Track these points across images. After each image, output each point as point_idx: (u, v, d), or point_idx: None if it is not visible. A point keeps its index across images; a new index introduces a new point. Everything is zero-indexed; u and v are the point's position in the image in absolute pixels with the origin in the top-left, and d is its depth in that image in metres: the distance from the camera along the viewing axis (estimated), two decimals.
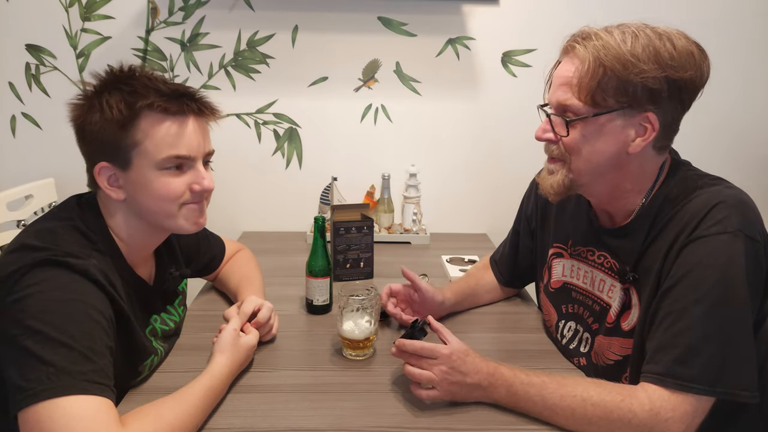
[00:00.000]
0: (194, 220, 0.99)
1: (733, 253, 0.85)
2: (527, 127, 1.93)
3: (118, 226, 0.97)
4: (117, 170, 0.92)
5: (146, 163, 0.91)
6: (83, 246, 0.89)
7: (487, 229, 2.05)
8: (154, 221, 0.97)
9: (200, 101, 0.97)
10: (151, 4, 1.83)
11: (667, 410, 0.82)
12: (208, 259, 1.33)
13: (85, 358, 0.78)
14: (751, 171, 2.03)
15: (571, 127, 0.94)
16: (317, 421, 0.92)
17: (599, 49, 0.89)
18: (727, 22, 1.90)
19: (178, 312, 1.17)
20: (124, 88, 0.90)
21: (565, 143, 0.96)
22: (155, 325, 1.07)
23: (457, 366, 0.92)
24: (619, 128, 0.92)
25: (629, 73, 0.88)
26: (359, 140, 1.97)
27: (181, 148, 0.93)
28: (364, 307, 1.11)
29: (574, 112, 0.93)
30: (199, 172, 0.96)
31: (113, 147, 0.91)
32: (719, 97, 1.95)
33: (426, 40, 1.89)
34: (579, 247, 1.12)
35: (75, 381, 0.75)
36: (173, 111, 0.92)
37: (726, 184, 0.94)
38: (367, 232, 1.52)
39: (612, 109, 0.91)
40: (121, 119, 0.89)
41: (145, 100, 0.89)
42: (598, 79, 0.89)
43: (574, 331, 1.13)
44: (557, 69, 0.98)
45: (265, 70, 1.90)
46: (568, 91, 0.93)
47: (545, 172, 1.03)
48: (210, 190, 0.98)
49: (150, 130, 0.90)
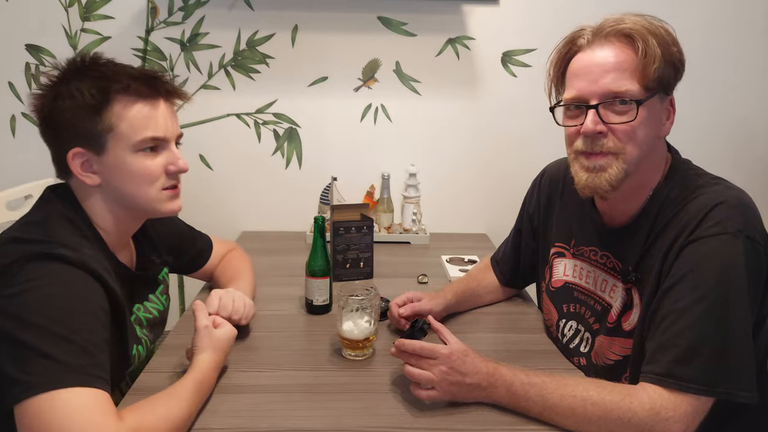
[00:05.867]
0: (171, 202, 1.00)
1: (733, 254, 0.85)
2: (527, 126, 1.95)
3: (95, 213, 0.97)
4: (91, 155, 0.93)
5: (122, 146, 0.92)
6: (73, 234, 0.90)
7: (487, 229, 2.05)
8: (131, 205, 0.97)
9: (170, 84, 0.98)
10: (151, 4, 1.83)
11: (668, 410, 0.82)
12: (195, 254, 1.33)
13: (85, 351, 0.78)
14: (752, 171, 2.03)
15: (631, 113, 0.91)
16: (317, 421, 0.92)
17: (652, 31, 0.90)
18: (728, 21, 1.90)
19: (161, 301, 1.16)
20: (93, 74, 0.91)
21: (625, 130, 0.92)
22: (138, 313, 1.07)
23: (457, 366, 0.92)
24: (658, 112, 0.94)
25: (669, 53, 0.90)
26: (359, 140, 1.97)
27: (156, 130, 0.94)
28: (364, 307, 1.11)
29: (631, 97, 0.91)
30: (174, 153, 0.98)
31: (86, 132, 0.91)
32: (719, 97, 1.95)
33: (426, 40, 1.89)
34: (582, 247, 1.12)
35: (75, 374, 0.76)
36: (146, 94, 0.93)
37: (726, 184, 0.94)
38: (366, 232, 1.52)
39: (656, 91, 0.92)
40: (94, 104, 0.90)
41: (118, 84, 0.91)
42: (659, 61, 0.89)
43: (575, 330, 1.13)
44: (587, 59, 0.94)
45: (265, 69, 1.90)
46: (622, 75, 0.91)
47: (586, 172, 0.96)
48: (185, 170, 0.99)
49: (124, 114, 0.91)
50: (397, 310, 1.19)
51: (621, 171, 0.93)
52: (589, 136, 0.93)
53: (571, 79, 0.96)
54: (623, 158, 0.93)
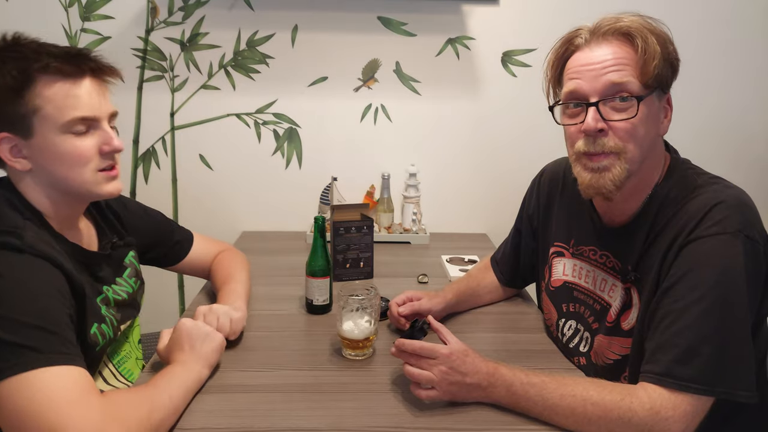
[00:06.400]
0: (108, 184, 0.97)
1: (733, 254, 0.85)
2: (527, 127, 1.95)
3: (32, 198, 0.94)
4: (19, 140, 0.90)
5: (49, 128, 0.90)
6: (14, 218, 0.88)
7: (487, 229, 2.05)
8: (66, 188, 0.95)
9: (95, 60, 0.95)
10: (151, 4, 1.83)
11: (667, 409, 0.82)
12: (172, 245, 1.32)
13: (47, 332, 0.78)
14: (751, 171, 2.03)
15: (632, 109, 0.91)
16: (317, 421, 0.92)
17: (650, 29, 0.91)
18: (727, 21, 1.90)
19: (130, 284, 1.14)
20: (12, 55, 0.88)
21: (625, 128, 0.91)
22: (108, 294, 1.05)
23: (457, 366, 0.92)
24: (657, 110, 0.94)
25: (666, 52, 0.91)
26: (359, 140, 1.97)
27: (83, 109, 0.91)
28: (364, 307, 1.11)
29: (631, 92, 0.91)
30: (107, 132, 0.95)
31: (10, 116, 0.89)
32: (719, 97, 1.95)
33: (426, 40, 1.89)
34: (581, 247, 1.12)
35: (40, 355, 0.75)
36: (69, 72, 0.90)
37: (725, 184, 0.94)
38: (366, 231, 1.52)
39: (654, 89, 0.92)
40: (15, 85, 0.87)
41: (38, 63, 0.88)
42: (658, 59, 0.90)
43: (574, 330, 1.13)
44: (586, 57, 0.94)
45: (265, 69, 1.90)
46: (623, 71, 0.91)
47: (589, 172, 0.95)
48: (120, 149, 0.97)
49: (48, 94, 0.89)
50: (397, 309, 1.19)
51: (624, 171, 0.93)
52: (590, 134, 0.93)
53: (570, 77, 0.96)
54: (625, 158, 0.93)
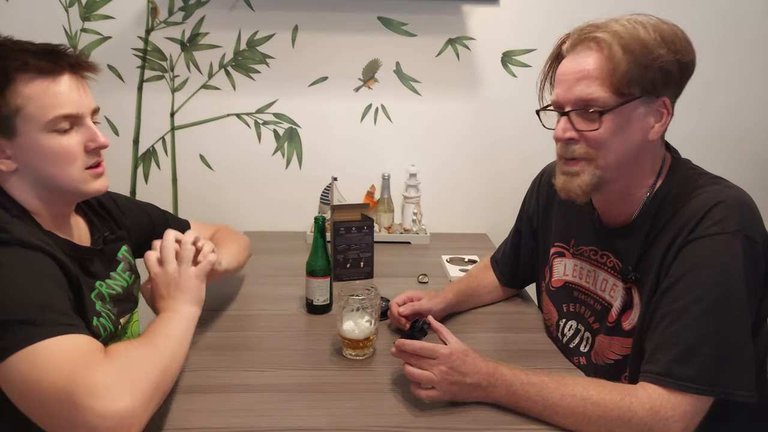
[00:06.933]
0: (96, 182, 0.97)
1: (732, 254, 0.85)
2: (527, 127, 1.95)
3: (20, 198, 0.94)
4: (2, 140, 0.90)
5: (33, 128, 0.89)
6: (1, 215, 0.88)
7: (487, 229, 2.05)
8: (54, 187, 0.94)
9: (73, 56, 0.94)
10: (151, 4, 1.83)
11: (667, 409, 0.82)
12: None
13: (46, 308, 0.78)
14: (752, 171, 2.03)
15: (596, 123, 0.92)
16: (317, 421, 0.92)
17: (622, 36, 0.89)
18: (729, 21, 1.90)
19: (124, 278, 1.13)
20: None
21: (594, 138, 0.92)
22: (101, 289, 1.04)
23: (457, 366, 0.92)
24: (641, 116, 0.93)
25: (650, 58, 0.88)
26: (359, 140, 1.97)
27: (66, 107, 0.90)
28: (364, 306, 1.11)
29: (600, 105, 0.91)
30: (91, 128, 0.95)
31: None
32: (720, 97, 1.94)
33: (426, 40, 1.89)
34: (582, 247, 1.12)
35: (41, 328, 0.75)
36: (47, 69, 0.89)
37: (726, 183, 0.94)
38: (367, 231, 1.52)
39: (635, 96, 0.91)
40: None
41: (16, 62, 0.87)
42: (625, 67, 0.88)
43: (575, 330, 1.13)
44: (566, 65, 0.95)
45: (265, 70, 1.90)
46: (591, 83, 0.91)
47: (563, 175, 0.99)
48: (105, 145, 0.96)
49: (28, 92, 0.88)
50: (398, 309, 1.19)
51: (594, 177, 0.95)
52: (560, 141, 0.96)
53: (555, 84, 0.99)
54: (597, 164, 0.94)
